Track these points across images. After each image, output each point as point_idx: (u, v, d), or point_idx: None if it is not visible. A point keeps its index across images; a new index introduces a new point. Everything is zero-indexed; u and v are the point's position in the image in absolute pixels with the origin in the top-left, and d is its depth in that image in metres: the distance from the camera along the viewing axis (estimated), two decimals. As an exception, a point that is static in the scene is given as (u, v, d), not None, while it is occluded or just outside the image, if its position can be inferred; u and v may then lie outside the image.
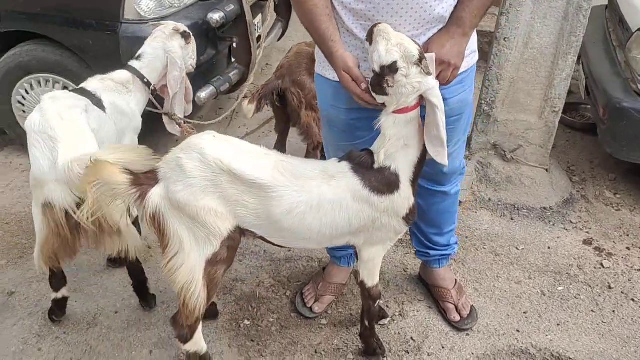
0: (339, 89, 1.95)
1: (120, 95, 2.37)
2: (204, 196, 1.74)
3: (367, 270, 2.05)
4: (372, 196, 1.82)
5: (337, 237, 1.92)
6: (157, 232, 1.81)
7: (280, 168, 1.79)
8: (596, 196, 3.36)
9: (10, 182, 3.25)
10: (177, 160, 1.76)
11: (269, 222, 1.82)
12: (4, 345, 2.27)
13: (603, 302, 2.63)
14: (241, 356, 2.28)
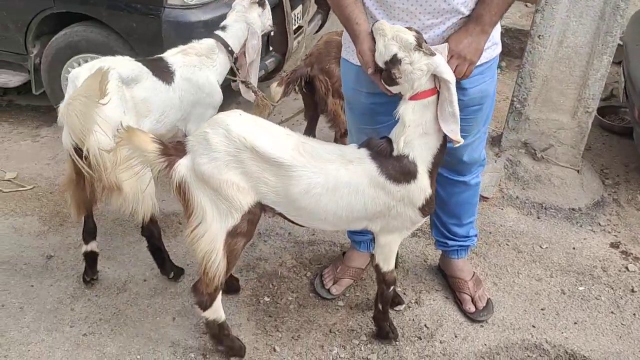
0: (360, 73, 2.02)
1: (200, 70, 2.54)
2: (227, 170, 1.84)
3: (382, 255, 2.11)
4: (388, 184, 1.88)
5: (354, 220, 1.99)
6: (182, 201, 1.92)
7: (301, 149, 1.87)
8: (628, 200, 3.31)
9: (56, 155, 3.44)
10: (204, 135, 1.86)
11: (287, 200, 1.90)
12: (40, 303, 2.43)
13: (624, 305, 2.60)
14: (258, 329, 2.38)
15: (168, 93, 2.42)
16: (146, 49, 3.12)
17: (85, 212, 2.37)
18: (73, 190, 2.26)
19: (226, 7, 3.16)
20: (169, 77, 2.44)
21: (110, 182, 2.14)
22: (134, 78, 2.32)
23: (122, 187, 2.17)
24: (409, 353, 2.31)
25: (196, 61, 2.54)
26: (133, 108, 2.28)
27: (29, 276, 2.57)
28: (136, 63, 2.39)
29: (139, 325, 2.36)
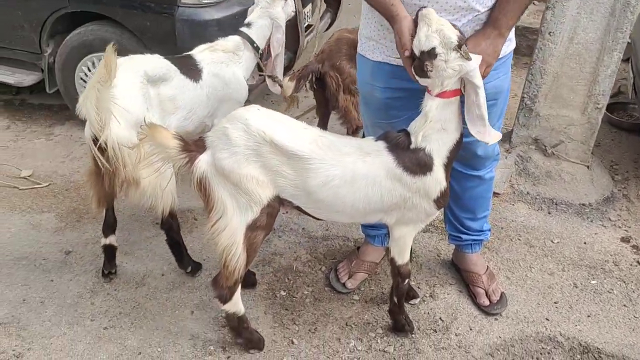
0: (376, 68, 2.06)
1: (228, 67, 2.60)
2: (247, 164, 1.87)
3: (397, 248, 2.14)
4: (404, 175, 1.91)
5: (370, 213, 2.02)
6: (203, 196, 1.95)
7: (319, 142, 1.90)
8: (638, 196, 3.34)
9: (70, 153, 3.48)
10: (223, 130, 1.89)
11: (306, 192, 1.93)
12: (60, 298, 2.47)
13: (637, 298, 2.63)
14: (276, 323, 2.41)
15: (196, 90, 2.47)
16: (159, 47, 3.14)
17: (105, 205, 2.40)
18: (93, 183, 2.30)
19: (239, 6, 3.22)
20: (196, 74, 2.49)
21: (128, 176, 2.18)
22: (162, 77, 2.36)
23: (140, 182, 2.21)
24: (425, 345, 2.34)
25: (223, 58, 2.59)
26: (158, 105, 2.32)
27: (48, 271, 2.60)
28: (165, 61, 2.43)
29: (159, 318, 2.39)
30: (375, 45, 2.07)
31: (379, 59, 2.08)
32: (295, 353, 2.28)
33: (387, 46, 2.03)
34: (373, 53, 2.09)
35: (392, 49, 1.99)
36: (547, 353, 2.33)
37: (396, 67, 2.03)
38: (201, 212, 3.03)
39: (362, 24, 2.16)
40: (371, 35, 2.08)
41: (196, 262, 2.61)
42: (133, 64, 2.30)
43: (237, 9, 3.18)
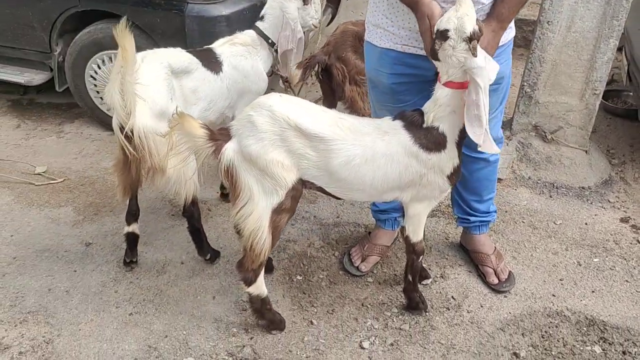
0: (383, 54, 2.17)
1: (246, 59, 2.67)
2: (273, 149, 1.96)
3: (412, 226, 2.24)
4: (421, 152, 2.01)
5: (387, 190, 2.11)
6: (230, 183, 2.03)
7: (339, 124, 2.00)
8: (635, 178, 3.46)
9: (82, 149, 3.55)
10: (248, 118, 1.98)
11: (328, 172, 2.02)
12: (85, 287, 2.54)
13: (638, 274, 2.74)
14: (294, 305, 2.50)
15: (217, 82, 2.55)
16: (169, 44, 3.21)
17: (130, 193, 2.48)
18: (120, 172, 2.38)
19: (247, 1, 3.30)
20: (217, 67, 2.57)
21: (154, 164, 2.26)
22: (185, 69, 2.43)
23: (166, 170, 2.29)
24: (439, 322, 2.44)
25: (242, 50, 2.67)
26: (181, 97, 2.40)
27: (71, 262, 2.68)
28: (187, 54, 2.50)
29: (182, 304, 2.47)
30: (383, 32, 2.17)
31: (386, 46, 2.18)
32: (315, 332, 2.37)
33: (394, 33, 2.13)
34: (380, 40, 2.19)
35: (398, 36, 2.09)
36: (555, 327, 2.44)
37: (401, 54, 2.14)
38: (215, 203, 3.12)
39: (369, 11, 2.25)
40: (378, 22, 2.17)
41: (215, 250, 2.69)
42: (157, 56, 2.38)
43: (245, 5, 3.26)
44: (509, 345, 2.34)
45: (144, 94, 2.20)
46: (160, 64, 2.34)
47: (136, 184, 2.43)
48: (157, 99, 2.26)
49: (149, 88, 2.23)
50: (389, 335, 2.37)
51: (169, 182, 2.31)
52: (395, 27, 2.14)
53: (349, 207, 3.12)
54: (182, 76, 2.42)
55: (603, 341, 2.38)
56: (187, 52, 2.53)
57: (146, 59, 2.34)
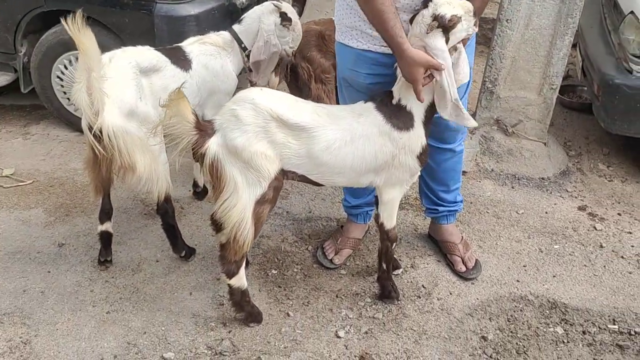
0: (360, 55, 2.23)
1: (216, 59, 2.68)
2: (257, 141, 2.02)
3: (386, 212, 2.33)
4: (393, 131, 2.11)
5: (365, 172, 2.19)
6: (213, 177, 2.07)
7: (318, 112, 2.10)
8: (590, 168, 3.63)
9: (50, 150, 3.52)
10: (232, 112, 2.03)
11: (310, 159, 2.10)
12: (60, 287, 2.54)
13: (595, 259, 2.90)
14: (270, 299, 2.56)
15: (186, 80, 2.57)
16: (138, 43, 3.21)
17: (102, 192, 2.50)
18: (91, 170, 2.39)
19: (215, 1, 3.33)
20: (186, 64, 2.58)
21: (124, 162, 2.28)
22: (153, 67, 2.46)
23: (136, 167, 2.32)
24: (410, 310, 2.53)
25: (212, 50, 2.69)
26: (151, 95, 2.42)
27: (44, 263, 2.67)
28: (155, 52, 2.53)
29: (159, 300, 2.50)
30: (359, 34, 2.23)
31: (363, 47, 2.24)
32: (292, 324, 2.43)
33: (371, 35, 2.19)
34: (356, 42, 2.25)
35: (376, 37, 2.16)
36: (520, 310, 2.57)
37: (379, 55, 2.21)
38: (188, 202, 3.15)
39: (341, 14, 2.30)
40: (354, 25, 2.23)
41: (190, 247, 2.72)
42: (125, 55, 2.40)
43: (213, 4, 3.29)
44: (477, 330, 2.46)
45: (112, 94, 2.23)
46: (128, 63, 2.35)
47: (108, 182, 2.45)
48: (126, 98, 2.28)
49: (116, 87, 2.25)
50: (363, 324, 2.45)
51: (140, 180, 2.33)
52: (373, 30, 2.18)
53: (321, 202, 3.19)
54: (151, 74, 2.45)
55: (564, 322, 2.52)
56: (155, 50, 2.56)
57: (114, 59, 2.35)
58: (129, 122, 2.30)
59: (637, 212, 3.24)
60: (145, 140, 2.31)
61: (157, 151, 2.40)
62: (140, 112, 2.36)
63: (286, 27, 2.78)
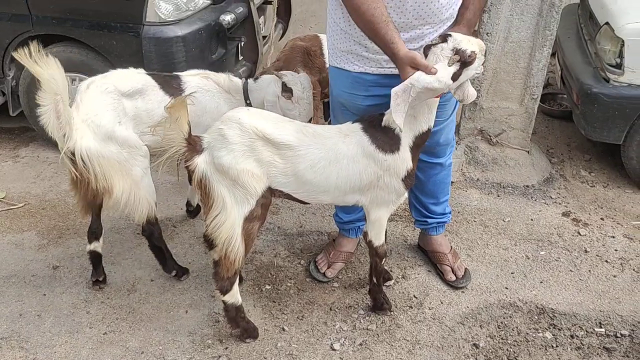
0: (357, 79, 2.29)
1: (212, 97, 2.59)
2: (244, 160, 2.07)
3: (374, 231, 2.38)
4: (377, 153, 2.16)
5: (350, 192, 2.24)
6: (202, 194, 2.13)
7: (304, 131, 2.15)
8: (573, 175, 3.73)
9: (40, 173, 3.53)
10: (219, 131, 2.09)
11: (295, 177, 2.15)
12: (56, 310, 2.56)
13: (580, 264, 2.98)
14: (265, 314, 2.60)
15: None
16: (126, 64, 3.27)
17: (89, 212, 2.52)
18: (75, 192, 2.43)
19: (201, 22, 3.39)
20: (177, 93, 2.49)
21: (100, 185, 2.32)
22: (138, 90, 2.44)
23: (114, 191, 2.35)
24: (403, 320, 2.58)
25: (212, 87, 2.60)
26: (133, 119, 2.41)
27: (39, 286, 2.68)
28: (144, 76, 2.53)
29: (155, 320, 2.53)
30: (356, 57, 2.28)
31: (361, 70, 2.29)
32: (287, 338, 2.47)
33: (368, 58, 2.24)
34: (353, 65, 2.29)
35: (374, 60, 2.22)
36: (510, 317, 2.63)
37: (377, 76, 2.26)
38: (180, 220, 3.18)
39: (335, 38, 2.33)
40: (350, 49, 2.27)
41: (182, 267, 2.75)
42: (104, 81, 2.41)
43: (200, 25, 3.34)
44: (469, 337, 2.52)
45: (88, 119, 2.27)
46: (105, 89, 2.36)
47: (94, 203, 2.46)
48: (102, 122, 2.31)
49: (92, 113, 2.29)
50: (357, 335, 2.50)
51: (118, 203, 2.36)
52: (369, 53, 2.23)
53: (312, 217, 3.24)
54: (136, 97, 2.44)
55: (553, 327, 2.59)
56: (145, 75, 2.55)
57: (92, 85, 2.38)
58: (105, 146, 2.32)
59: (619, 217, 3.34)
60: (125, 164, 2.34)
61: (139, 175, 2.40)
62: (118, 136, 2.36)
63: (289, 99, 2.54)
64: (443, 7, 2.13)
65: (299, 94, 2.51)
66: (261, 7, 4.09)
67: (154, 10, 3.22)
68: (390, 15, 2.10)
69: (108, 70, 3.29)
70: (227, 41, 3.64)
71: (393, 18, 2.11)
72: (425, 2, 2.10)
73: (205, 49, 3.43)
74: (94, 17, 3.26)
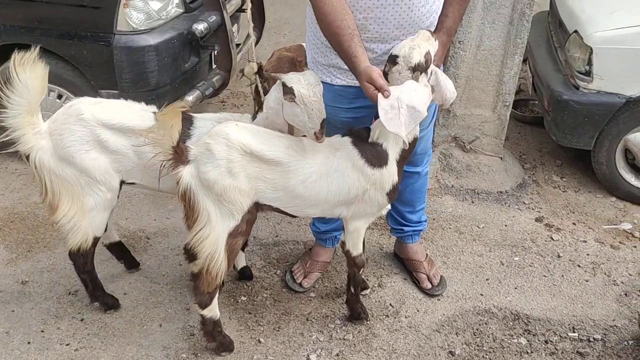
0: (340, 92, 2.28)
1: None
2: (230, 175, 2.04)
3: (352, 241, 2.37)
4: (366, 167, 2.15)
5: (338, 205, 2.23)
6: (186, 207, 2.09)
7: (293, 145, 2.12)
8: (545, 180, 3.78)
9: (9, 184, 3.45)
10: (206, 146, 2.05)
11: (285, 192, 2.14)
12: (26, 326, 2.49)
13: (553, 269, 3.02)
14: (241, 326, 2.57)
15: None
16: (98, 74, 3.23)
17: None
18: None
19: (173, 30, 3.35)
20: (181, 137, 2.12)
21: (47, 198, 2.28)
22: (128, 128, 2.23)
23: (58, 210, 2.28)
24: (380, 330, 2.58)
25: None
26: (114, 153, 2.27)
27: (7, 302, 2.61)
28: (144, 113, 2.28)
29: (128, 334, 2.48)
30: (338, 71, 2.27)
31: (343, 83, 2.28)
32: (263, 351, 2.45)
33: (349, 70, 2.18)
34: (335, 78, 2.29)
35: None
36: (485, 323, 2.65)
37: (359, 89, 2.19)
38: (154, 232, 3.13)
39: (316, 52, 2.32)
40: (331, 62, 2.27)
41: (114, 298, 2.60)
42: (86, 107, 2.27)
43: (172, 34, 3.30)
44: (445, 345, 2.52)
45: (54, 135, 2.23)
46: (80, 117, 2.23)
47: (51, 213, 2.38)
48: (63, 144, 2.21)
49: (59, 132, 2.22)
50: (334, 346, 2.49)
51: (60, 222, 2.28)
52: None
53: (287, 226, 3.23)
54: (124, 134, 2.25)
55: (527, 333, 2.61)
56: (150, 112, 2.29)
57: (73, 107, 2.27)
58: (61, 166, 2.24)
59: (590, 221, 3.39)
60: (79, 190, 2.26)
61: (89, 206, 2.30)
62: (78, 163, 2.23)
63: (292, 100, 2.12)
64: (423, 16, 2.14)
65: (303, 91, 2.09)
66: (234, 15, 4.07)
67: (124, 19, 3.17)
68: (370, 25, 2.11)
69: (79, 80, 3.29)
70: (200, 50, 3.61)
71: (374, 28, 2.12)
72: (405, 12, 2.10)
73: (178, 58, 3.40)
74: (63, 26, 3.20)
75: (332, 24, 2.03)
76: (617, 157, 3.49)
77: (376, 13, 2.10)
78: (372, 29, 2.13)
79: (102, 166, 2.26)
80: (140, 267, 2.83)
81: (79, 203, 2.27)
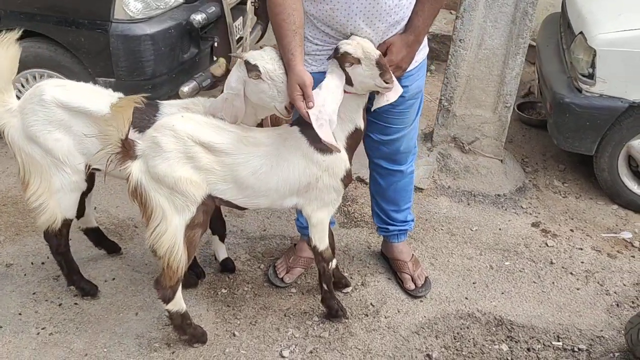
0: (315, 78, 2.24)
1: None
2: (180, 167, 2.02)
3: (317, 234, 2.33)
4: (315, 154, 2.13)
5: (289, 194, 2.21)
6: (139, 203, 2.08)
7: (243, 136, 2.10)
8: (546, 185, 3.69)
9: (6, 169, 3.49)
10: (153, 139, 2.03)
11: (235, 184, 2.12)
12: (4, 308, 2.52)
13: (544, 275, 2.93)
14: (218, 318, 2.55)
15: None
16: (95, 62, 3.25)
17: None
18: None
19: (172, 20, 3.35)
20: (144, 126, 2.18)
21: (20, 173, 2.31)
22: (87, 111, 2.21)
23: (28, 187, 2.31)
24: (357, 329, 2.54)
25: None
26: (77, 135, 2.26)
27: (-11, 284, 2.65)
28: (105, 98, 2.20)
29: (103, 321, 2.49)
30: (312, 58, 2.22)
31: (317, 70, 2.23)
32: (237, 344, 2.43)
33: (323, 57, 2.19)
34: (310, 66, 2.24)
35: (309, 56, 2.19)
36: (467, 328, 2.59)
37: (315, 74, 2.22)
38: (141, 220, 3.13)
39: None
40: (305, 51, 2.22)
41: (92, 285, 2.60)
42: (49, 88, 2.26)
43: (170, 23, 3.30)
44: (423, 348, 2.47)
45: (23, 112, 2.24)
46: (41, 98, 2.22)
47: None
48: (29, 124, 2.22)
49: (24, 111, 2.24)
50: (308, 343, 2.45)
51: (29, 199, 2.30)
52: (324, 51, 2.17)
53: (276, 220, 3.20)
54: (82, 118, 2.23)
55: (510, 340, 2.54)
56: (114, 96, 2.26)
57: (39, 88, 2.26)
58: (29, 145, 2.26)
59: (589, 228, 3.30)
60: (47, 170, 2.27)
61: (56, 187, 2.30)
62: (42, 143, 2.23)
63: (258, 77, 2.05)
64: (391, 10, 2.08)
65: (268, 66, 2.02)
66: (239, 7, 4.06)
67: (122, 7, 3.18)
68: (337, 17, 2.07)
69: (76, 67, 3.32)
70: (200, 41, 3.60)
71: (340, 20, 2.08)
72: (370, 3, 2.06)
73: (176, 48, 3.40)
74: (62, 13, 3.22)
75: (278, 15, 2.03)
76: (620, 163, 3.38)
77: (342, 4, 2.06)
78: (339, 20, 2.09)
79: (65, 147, 2.25)
80: (123, 252, 2.84)
81: (47, 183, 2.29)
